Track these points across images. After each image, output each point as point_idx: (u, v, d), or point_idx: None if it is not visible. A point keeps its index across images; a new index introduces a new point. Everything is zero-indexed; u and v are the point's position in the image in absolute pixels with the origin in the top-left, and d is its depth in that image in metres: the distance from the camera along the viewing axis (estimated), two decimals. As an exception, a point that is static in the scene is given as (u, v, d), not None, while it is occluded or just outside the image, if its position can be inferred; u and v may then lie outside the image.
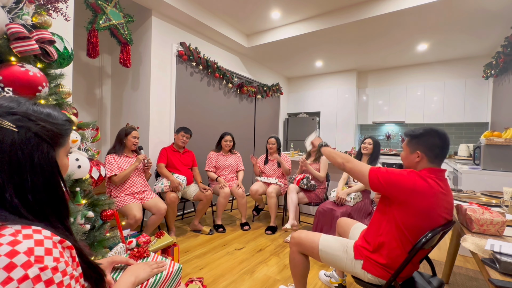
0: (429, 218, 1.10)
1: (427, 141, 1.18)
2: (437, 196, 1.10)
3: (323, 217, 2.43)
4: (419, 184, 1.10)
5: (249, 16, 3.56)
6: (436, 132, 1.18)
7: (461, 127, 4.69)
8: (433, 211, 1.10)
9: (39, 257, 0.44)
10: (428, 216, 1.10)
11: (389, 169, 1.20)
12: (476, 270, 2.19)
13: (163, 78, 3.18)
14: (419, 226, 1.11)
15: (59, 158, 0.58)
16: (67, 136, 0.60)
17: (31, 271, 0.42)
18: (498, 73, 3.63)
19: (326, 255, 1.38)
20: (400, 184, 1.12)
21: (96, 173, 1.58)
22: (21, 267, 0.42)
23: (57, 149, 0.57)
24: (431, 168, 1.17)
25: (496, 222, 1.14)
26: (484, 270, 0.88)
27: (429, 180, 1.12)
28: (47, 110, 0.57)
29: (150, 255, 1.26)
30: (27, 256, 0.43)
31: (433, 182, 1.12)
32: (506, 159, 2.48)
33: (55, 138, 0.56)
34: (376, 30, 3.48)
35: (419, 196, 1.09)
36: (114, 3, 2.53)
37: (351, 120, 5.30)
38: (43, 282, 0.43)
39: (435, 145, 1.16)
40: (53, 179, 0.55)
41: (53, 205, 0.55)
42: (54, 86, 1.35)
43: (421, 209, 1.09)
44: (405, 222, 1.13)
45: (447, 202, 1.14)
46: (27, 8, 1.18)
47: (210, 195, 2.84)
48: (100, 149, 2.46)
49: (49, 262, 0.45)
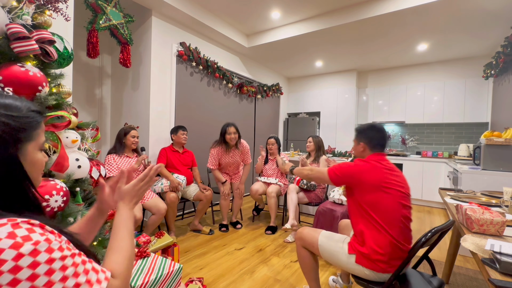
0: (381, 190, 1.29)
1: (368, 134, 1.46)
2: (380, 171, 1.33)
3: (323, 217, 2.43)
4: (363, 166, 1.36)
5: (249, 16, 3.56)
6: (374, 127, 1.47)
7: (461, 127, 4.69)
8: (381, 184, 1.30)
9: (25, 237, 0.43)
10: (378, 188, 1.29)
11: (341, 163, 1.47)
12: (476, 270, 2.19)
13: (163, 78, 3.18)
14: (376, 200, 1.29)
15: (27, 154, 0.53)
16: (33, 129, 0.54)
17: (24, 249, 0.42)
18: (498, 73, 3.63)
19: (324, 250, 1.43)
20: (350, 170, 1.38)
21: (96, 173, 1.58)
22: (10, 249, 0.41)
23: (19, 145, 0.51)
24: (373, 154, 1.43)
25: (496, 222, 1.14)
26: (484, 270, 0.88)
27: (371, 162, 1.38)
28: (5, 101, 0.51)
29: (150, 255, 1.26)
30: (12, 239, 0.42)
31: (374, 163, 1.37)
32: (506, 159, 2.48)
33: (15, 133, 0.50)
34: (376, 30, 3.48)
35: (365, 174, 1.33)
36: (114, 3, 2.53)
37: (351, 120, 5.30)
38: (43, 252, 0.43)
39: (374, 137, 1.44)
40: (16, 179, 0.51)
41: (23, 204, 0.52)
42: (54, 86, 1.35)
43: (371, 184, 1.30)
44: (365, 201, 1.31)
45: (396, 176, 1.34)
46: (27, 8, 1.18)
47: (210, 195, 2.84)
48: (100, 149, 2.46)
49: (38, 237, 0.44)
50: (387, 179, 1.31)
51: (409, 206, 1.33)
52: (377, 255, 1.24)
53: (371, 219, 1.29)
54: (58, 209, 1.17)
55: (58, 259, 0.45)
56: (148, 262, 1.21)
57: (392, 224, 1.26)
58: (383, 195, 1.28)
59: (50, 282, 0.43)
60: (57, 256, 0.45)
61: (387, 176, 1.31)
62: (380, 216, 1.27)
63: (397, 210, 1.27)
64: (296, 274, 2.07)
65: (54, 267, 0.44)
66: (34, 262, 0.42)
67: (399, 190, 1.31)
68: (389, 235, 1.24)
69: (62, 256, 0.46)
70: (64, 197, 1.19)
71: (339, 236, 1.46)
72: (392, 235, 1.24)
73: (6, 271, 0.40)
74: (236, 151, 2.98)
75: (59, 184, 1.18)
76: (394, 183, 1.31)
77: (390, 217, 1.26)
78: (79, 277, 0.47)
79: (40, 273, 0.42)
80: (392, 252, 1.24)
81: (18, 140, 0.51)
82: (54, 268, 0.44)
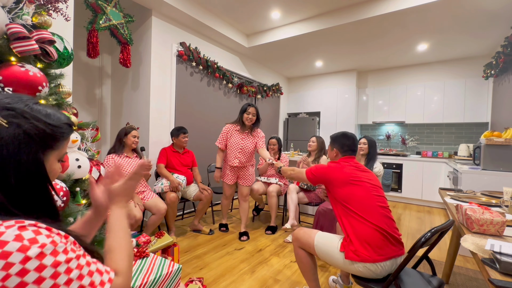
0: (351, 184, 1.43)
1: (340, 141, 1.64)
2: (348, 169, 1.50)
3: (323, 217, 2.43)
4: (334, 166, 1.54)
5: (249, 16, 3.56)
6: (345, 135, 1.65)
7: (461, 127, 4.69)
8: (350, 179, 1.44)
9: (31, 239, 0.43)
10: (348, 182, 1.44)
11: (317, 165, 1.66)
12: (476, 270, 2.19)
13: (163, 78, 3.18)
14: (349, 192, 1.42)
15: (49, 161, 0.55)
16: (61, 140, 0.57)
17: (31, 252, 0.42)
18: (498, 73, 3.63)
19: (320, 250, 1.46)
20: (323, 170, 1.56)
21: (96, 173, 1.58)
22: (17, 252, 0.41)
23: (47, 151, 0.54)
24: (343, 157, 1.61)
25: (496, 222, 1.14)
26: (484, 270, 0.88)
27: (340, 162, 1.58)
28: (47, 111, 0.55)
29: (149, 255, 1.26)
30: (19, 241, 0.42)
31: (343, 163, 1.56)
32: (506, 159, 2.48)
33: (46, 139, 0.53)
34: (376, 30, 3.48)
35: (335, 172, 1.50)
36: (114, 3, 2.53)
37: (351, 120, 5.30)
38: (49, 255, 0.44)
39: (345, 143, 1.62)
40: (38, 181, 0.53)
41: (41, 206, 0.54)
42: (54, 86, 1.35)
43: (341, 180, 1.46)
44: (340, 196, 1.44)
45: (364, 172, 1.51)
46: (27, 8, 1.18)
47: (210, 195, 2.84)
48: (100, 149, 2.46)
49: (44, 239, 0.45)
50: (355, 174, 1.47)
51: (383, 196, 1.44)
52: (362, 245, 1.29)
53: (350, 211, 1.39)
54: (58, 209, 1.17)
55: (64, 262, 0.46)
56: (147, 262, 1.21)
57: (370, 212, 1.35)
58: (354, 187, 1.42)
59: (55, 285, 0.44)
60: (62, 259, 0.46)
61: (354, 172, 1.48)
62: (356, 206, 1.37)
63: (371, 198, 1.39)
64: (296, 274, 2.07)
65: (59, 270, 0.45)
66: (41, 265, 0.43)
67: (369, 182, 1.45)
68: (369, 223, 1.32)
69: (67, 259, 0.46)
70: (64, 197, 1.19)
71: (334, 236, 1.48)
72: (372, 222, 1.31)
73: (13, 274, 0.41)
74: (248, 135, 2.75)
75: (59, 184, 1.18)
76: (363, 177, 1.47)
77: (366, 206, 1.36)
78: (83, 280, 0.47)
79: (46, 276, 0.43)
80: (377, 239, 1.28)
81: (48, 146, 0.54)
82: (59, 271, 0.45)
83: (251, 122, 2.70)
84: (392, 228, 1.35)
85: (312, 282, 1.56)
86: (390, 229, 1.33)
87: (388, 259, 1.27)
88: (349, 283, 1.85)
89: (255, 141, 2.76)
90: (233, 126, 2.77)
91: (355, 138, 1.66)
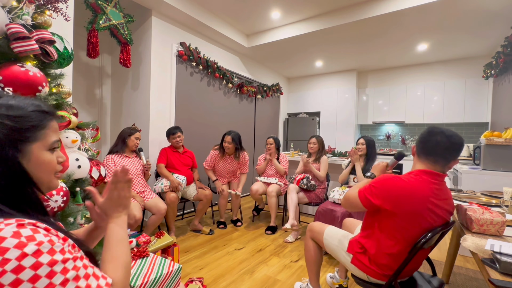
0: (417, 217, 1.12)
1: (427, 138, 1.18)
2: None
3: (323, 217, 2.43)
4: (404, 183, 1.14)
5: (249, 16, 3.56)
6: (442, 132, 1.14)
7: (461, 127, 4.69)
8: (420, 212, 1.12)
9: (29, 237, 0.44)
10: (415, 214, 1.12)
11: (375, 181, 1.19)
12: (476, 270, 2.19)
13: (163, 78, 3.18)
14: (402, 226, 1.13)
15: (31, 154, 0.52)
16: (37, 129, 0.53)
17: (27, 249, 0.42)
18: (498, 73, 3.63)
19: (327, 243, 1.48)
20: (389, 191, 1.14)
21: (96, 173, 1.58)
22: (14, 249, 0.41)
23: (23, 145, 0.51)
24: (425, 169, 1.15)
25: (496, 222, 1.14)
26: (484, 270, 0.88)
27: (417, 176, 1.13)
28: (10, 102, 0.51)
29: (149, 255, 1.26)
30: (17, 238, 0.42)
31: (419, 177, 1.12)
32: (506, 159, 2.48)
33: (14, 134, 0.50)
34: (376, 30, 3.48)
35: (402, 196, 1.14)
36: (114, 3, 2.53)
37: (351, 120, 5.30)
38: (46, 253, 0.44)
39: (433, 141, 1.15)
40: (18, 181, 0.51)
41: (27, 204, 0.53)
42: (54, 86, 1.35)
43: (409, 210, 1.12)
44: (389, 225, 1.15)
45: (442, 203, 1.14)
46: (27, 8, 1.18)
47: (210, 195, 2.84)
48: (100, 149, 2.46)
49: (42, 238, 0.45)
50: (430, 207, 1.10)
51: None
52: (373, 266, 1.21)
53: (388, 234, 1.17)
54: (58, 209, 1.17)
55: (60, 261, 0.45)
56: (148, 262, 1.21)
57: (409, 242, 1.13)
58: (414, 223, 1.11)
59: (51, 284, 0.43)
60: (59, 258, 0.45)
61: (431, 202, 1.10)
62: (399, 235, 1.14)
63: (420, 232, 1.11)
64: (296, 274, 2.07)
65: (55, 269, 0.44)
66: (37, 263, 0.42)
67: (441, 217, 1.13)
68: (409, 256, 1.12)
69: (64, 259, 0.46)
70: (64, 197, 1.19)
71: (343, 232, 1.49)
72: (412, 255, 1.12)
73: (9, 271, 0.40)
74: (233, 160, 3.07)
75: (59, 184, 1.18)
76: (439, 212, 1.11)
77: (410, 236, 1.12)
78: (79, 281, 0.47)
79: (41, 275, 0.42)
80: (391, 266, 1.19)
81: (17, 140, 0.50)
82: (56, 270, 0.44)
83: (228, 150, 2.94)
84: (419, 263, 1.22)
85: (313, 274, 1.61)
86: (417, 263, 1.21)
87: None
88: (346, 278, 1.85)
89: (240, 165, 3.12)
90: (217, 152, 3.04)
91: (460, 142, 1.11)
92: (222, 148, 3.02)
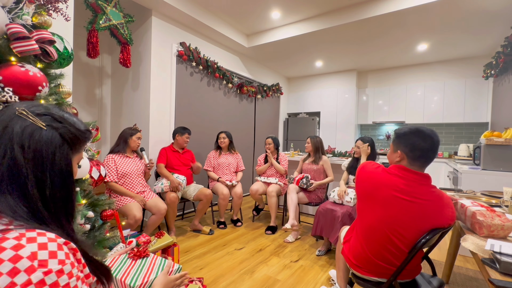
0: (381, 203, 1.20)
1: (409, 140, 1.12)
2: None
3: (323, 217, 2.43)
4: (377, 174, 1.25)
5: (249, 16, 3.56)
6: (420, 131, 1.11)
7: (461, 127, 4.69)
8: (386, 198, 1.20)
9: (42, 261, 0.44)
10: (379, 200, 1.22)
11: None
12: (476, 270, 2.19)
13: (163, 78, 3.18)
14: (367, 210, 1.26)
15: (73, 163, 0.60)
16: (84, 144, 0.63)
17: (34, 276, 0.42)
18: (498, 73, 3.63)
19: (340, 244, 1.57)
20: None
21: (96, 173, 1.58)
22: (24, 272, 0.42)
23: (74, 154, 0.60)
24: (410, 169, 1.13)
25: (507, 228, 1.09)
26: (484, 270, 0.88)
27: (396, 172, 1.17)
28: (73, 118, 0.61)
29: (149, 255, 1.26)
30: (30, 261, 0.43)
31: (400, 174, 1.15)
32: (506, 159, 2.48)
33: (75, 142, 0.59)
34: (376, 30, 3.48)
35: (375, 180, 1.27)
36: (114, 3, 2.53)
37: (351, 120, 5.30)
38: (48, 286, 0.44)
39: (417, 145, 1.10)
40: (68, 179, 0.57)
41: (65, 204, 0.57)
42: (54, 86, 1.35)
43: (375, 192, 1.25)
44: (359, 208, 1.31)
45: None
46: (27, 8, 1.18)
47: (210, 195, 2.84)
48: (100, 149, 2.46)
49: (53, 265, 0.45)
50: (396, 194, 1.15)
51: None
52: (349, 254, 1.33)
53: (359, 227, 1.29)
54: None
55: None
56: (148, 262, 1.21)
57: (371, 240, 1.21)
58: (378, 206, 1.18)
59: None
60: None
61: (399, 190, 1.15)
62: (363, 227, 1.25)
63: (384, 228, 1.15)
64: (296, 274, 2.07)
65: None
66: (56, 282, 0.45)
67: None
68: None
69: None
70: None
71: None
72: (367, 251, 1.21)
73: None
74: (231, 155, 3.32)
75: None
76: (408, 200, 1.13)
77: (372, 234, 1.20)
78: None
79: None
80: (367, 264, 1.24)
81: (75, 149, 0.60)
82: None
83: (225, 144, 3.26)
84: (388, 261, 1.19)
85: (341, 280, 1.61)
86: (386, 262, 1.19)
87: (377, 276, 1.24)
88: None
89: (236, 161, 3.34)
90: (214, 152, 3.31)
91: (436, 140, 1.10)
92: (218, 146, 3.29)
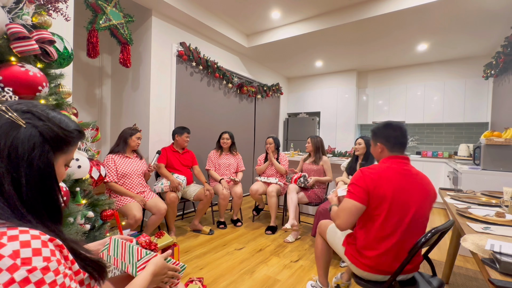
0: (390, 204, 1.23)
1: (382, 133, 1.34)
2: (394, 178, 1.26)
3: (323, 217, 2.43)
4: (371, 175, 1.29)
5: (249, 16, 3.56)
6: (389, 124, 1.34)
7: (461, 127, 4.69)
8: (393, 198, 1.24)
9: (26, 259, 0.43)
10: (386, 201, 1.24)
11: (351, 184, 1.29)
12: (476, 270, 2.19)
13: (163, 78, 3.18)
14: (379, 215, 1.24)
15: (57, 164, 0.58)
16: (71, 145, 0.61)
17: (17, 274, 0.41)
18: (498, 73, 3.63)
19: (329, 237, 1.56)
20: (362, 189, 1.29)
21: (96, 173, 1.58)
22: (6, 271, 0.41)
23: (57, 154, 0.58)
24: (392, 156, 1.32)
25: None
26: (484, 270, 0.88)
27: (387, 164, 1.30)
28: (61, 117, 0.59)
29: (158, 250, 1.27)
30: (13, 259, 0.42)
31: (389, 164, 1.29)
32: (506, 159, 2.48)
33: (58, 142, 0.57)
34: (376, 30, 3.48)
35: None
36: (114, 3, 2.53)
37: (351, 120, 5.30)
38: (33, 283, 0.43)
39: (390, 135, 1.32)
40: (47, 180, 0.55)
41: (46, 206, 0.55)
42: (54, 86, 1.35)
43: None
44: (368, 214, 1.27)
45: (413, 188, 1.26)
46: (27, 8, 1.18)
47: (211, 195, 2.84)
48: (100, 149, 2.46)
49: (38, 263, 0.44)
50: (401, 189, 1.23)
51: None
52: (360, 257, 1.28)
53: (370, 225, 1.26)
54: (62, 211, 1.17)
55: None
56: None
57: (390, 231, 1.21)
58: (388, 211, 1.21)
59: None
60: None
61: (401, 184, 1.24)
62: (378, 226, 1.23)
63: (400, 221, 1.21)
64: (296, 274, 2.07)
65: None
66: (41, 279, 0.44)
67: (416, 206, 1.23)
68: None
69: None
70: (64, 197, 1.19)
71: None
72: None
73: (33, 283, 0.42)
74: (232, 156, 3.32)
75: (59, 184, 1.18)
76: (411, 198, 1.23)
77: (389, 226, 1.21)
78: None
79: None
80: (380, 263, 1.23)
81: (58, 149, 0.58)
82: None
83: (227, 145, 3.25)
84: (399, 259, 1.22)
85: (321, 270, 1.67)
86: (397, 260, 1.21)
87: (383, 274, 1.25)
88: (347, 281, 1.85)
89: (236, 161, 3.34)
90: (215, 152, 3.30)
91: (404, 129, 1.33)
92: (220, 146, 3.28)
